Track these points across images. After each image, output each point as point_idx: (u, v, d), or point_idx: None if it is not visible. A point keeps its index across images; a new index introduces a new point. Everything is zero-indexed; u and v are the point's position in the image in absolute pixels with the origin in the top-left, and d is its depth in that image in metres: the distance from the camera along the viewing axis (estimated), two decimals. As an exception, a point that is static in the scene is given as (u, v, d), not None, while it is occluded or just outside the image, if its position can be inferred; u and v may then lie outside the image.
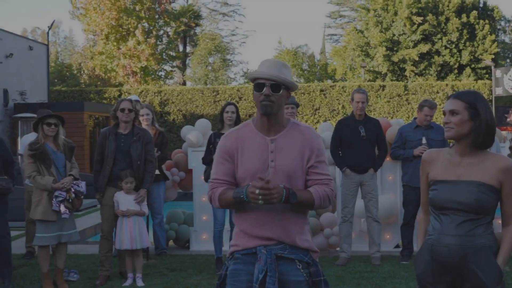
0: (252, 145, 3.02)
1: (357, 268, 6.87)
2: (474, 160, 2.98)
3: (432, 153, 3.13)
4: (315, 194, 2.92)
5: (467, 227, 2.91)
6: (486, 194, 2.90)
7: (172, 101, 26.73)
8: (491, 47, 29.17)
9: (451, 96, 3.04)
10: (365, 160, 7.13)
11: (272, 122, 3.01)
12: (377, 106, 25.75)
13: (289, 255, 2.92)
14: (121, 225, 6.35)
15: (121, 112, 6.40)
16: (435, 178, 3.03)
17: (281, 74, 2.99)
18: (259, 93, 2.97)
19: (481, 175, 2.93)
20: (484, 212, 2.92)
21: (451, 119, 2.97)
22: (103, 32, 31.31)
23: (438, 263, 2.97)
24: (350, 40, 32.32)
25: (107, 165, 6.39)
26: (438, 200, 2.98)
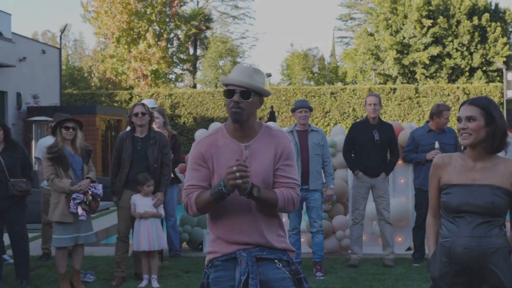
0: (226, 152, 3.01)
1: (369, 270, 6.93)
2: (488, 164, 3.05)
3: (444, 157, 3.19)
4: (280, 195, 2.94)
5: (484, 229, 2.99)
6: (500, 197, 2.99)
7: (183, 104, 26.87)
8: (503, 49, 29.14)
9: (466, 102, 3.09)
10: (377, 164, 7.19)
11: (244, 129, 3.01)
12: (388, 109, 25.76)
13: (268, 255, 2.99)
14: (139, 227, 6.45)
15: (135, 117, 6.51)
16: (449, 182, 3.10)
17: (252, 80, 2.97)
18: (229, 99, 2.97)
19: (495, 179, 3.01)
20: (499, 214, 3.00)
21: (468, 125, 3.02)
22: (114, 35, 31.52)
23: (457, 265, 3.03)
24: (361, 43, 32.38)
25: (124, 168, 6.50)
26: (454, 204, 3.04)
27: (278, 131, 3.09)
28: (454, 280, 3.05)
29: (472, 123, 3.01)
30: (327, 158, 6.99)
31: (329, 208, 8.02)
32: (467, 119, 3.03)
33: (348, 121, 25.63)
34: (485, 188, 3.00)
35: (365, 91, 25.83)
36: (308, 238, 7.59)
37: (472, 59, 29.37)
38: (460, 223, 3.03)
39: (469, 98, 3.11)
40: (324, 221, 7.72)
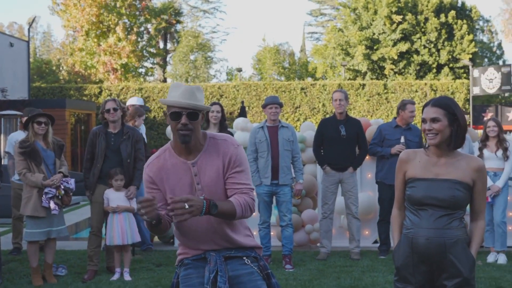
0: (176, 172, 3.04)
1: (337, 263, 7.12)
2: (450, 160, 3.23)
3: (409, 153, 3.36)
4: (236, 203, 2.97)
5: (445, 221, 3.16)
6: (461, 191, 3.17)
7: (153, 99, 26.76)
8: (469, 47, 29.67)
9: (429, 103, 3.24)
10: (344, 159, 7.37)
11: (191, 146, 3.02)
12: (357, 105, 26.05)
13: (236, 254, 3.10)
14: (112, 222, 6.52)
15: (107, 113, 6.57)
16: (414, 176, 3.27)
17: (196, 100, 2.97)
18: (176, 121, 2.94)
19: (456, 174, 3.19)
20: (459, 207, 3.18)
21: (433, 126, 3.18)
22: (83, 28, 31.21)
23: (419, 255, 3.20)
24: (331, 38, 32.63)
25: (97, 163, 6.56)
26: (417, 197, 3.21)
27: (223, 140, 3.09)
28: (416, 269, 3.22)
29: (437, 123, 3.17)
30: (297, 154, 7.15)
31: (298, 202, 8.19)
32: (432, 120, 3.18)
33: (318, 116, 25.87)
34: (447, 183, 3.17)
35: (335, 86, 26.07)
36: (278, 232, 7.75)
37: (439, 56, 29.87)
38: (423, 215, 3.20)
39: (432, 99, 3.26)
40: (293, 215, 7.88)
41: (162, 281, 6.35)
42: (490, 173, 7.24)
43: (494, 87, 27.17)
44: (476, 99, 28.83)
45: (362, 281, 6.29)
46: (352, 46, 30.90)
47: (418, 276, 3.23)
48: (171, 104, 2.96)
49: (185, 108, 2.93)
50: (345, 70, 30.53)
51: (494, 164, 7.24)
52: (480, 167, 3.22)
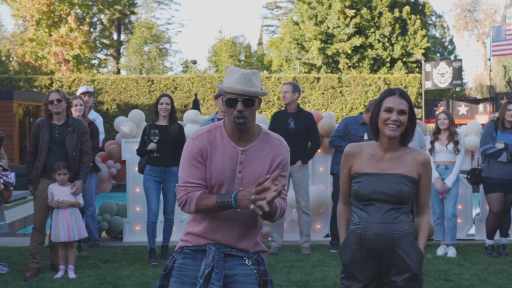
0: (222, 153, 2.93)
1: (288, 257, 7.05)
2: (396, 154, 3.17)
3: (355, 147, 3.26)
4: (279, 206, 2.88)
5: (392, 215, 3.10)
6: (407, 185, 3.11)
7: (106, 91, 26.32)
8: (422, 41, 30.11)
9: (395, 93, 3.14)
10: (292, 152, 7.23)
11: (244, 133, 2.93)
12: (311, 98, 26.16)
13: (237, 253, 2.96)
14: (57, 217, 6.28)
15: (51, 104, 6.33)
16: (359, 171, 3.19)
17: (253, 86, 2.87)
18: (232, 108, 2.86)
19: (402, 169, 3.14)
20: (406, 201, 3.13)
21: (400, 118, 3.09)
22: (33, 18, 30.41)
23: (367, 250, 3.13)
24: (286, 32, 32.64)
25: (41, 156, 6.31)
26: (364, 192, 3.14)
27: (278, 140, 3.01)
28: (364, 266, 3.15)
29: (403, 116, 3.09)
30: None
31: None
32: (400, 112, 3.09)
33: (273, 109, 25.85)
34: (393, 177, 3.11)
35: (290, 80, 26.09)
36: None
37: (393, 50, 30.22)
38: (370, 210, 3.13)
39: (395, 89, 3.16)
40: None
41: (107, 278, 6.16)
42: (441, 166, 7.27)
43: (445, 81, 27.65)
44: (428, 93, 29.30)
45: (313, 275, 6.23)
46: (307, 40, 30.97)
47: (366, 273, 3.16)
48: (226, 90, 2.88)
49: (240, 94, 2.85)
50: (300, 63, 30.59)
51: (445, 157, 7.27)
52: (425, 161, 3.17)
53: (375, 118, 3.16)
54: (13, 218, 10.00)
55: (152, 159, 6.81)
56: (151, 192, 6.82)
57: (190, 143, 2.95)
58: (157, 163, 6.78)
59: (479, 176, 7.25)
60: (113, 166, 8.28)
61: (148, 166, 6.85)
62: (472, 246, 7.73)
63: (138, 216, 8.02)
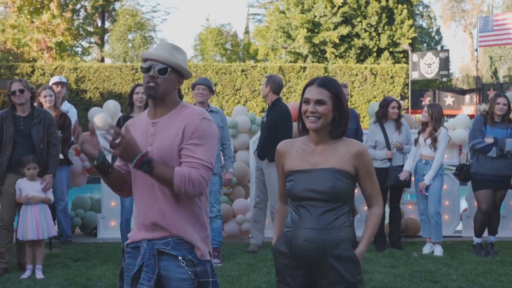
0: (138, 128, 2.91)
1: (268, 256, 6.75)
2: (328, 147, 2.90)
3: (286, 144, 3.02)
4: (177, 173, 2.70)
5: (327, 219, 2.83)
6: (341, 180, 2.83)
7: (89, 79, 25.89)
8: (409, 31, 29.90)
9: (314, 82, 2.89)
10: (262, 147, 6.94)
11: (158, 105, 2.88)
12: (297, 88, 25.88)
13: (171, 251, 2.76)
14: (25, 214, 5.93)
15: (13, 95, 5.97)
16: (291, 169, 2.93)
17: (171, 57, 2.85)
18: (146, 74, 2.85)
19: (335, 162, 2.86)
20: (341, 199, 2.84)
21: (317, 108, 2.84)
22: (15, 4, 29.79)
23: (296, 257, 2.87)
24: (272, 20, 32.29)
25: (6, 150, 5.96)
26: (296, 191, 2.88)
27: (192, 110, 2.88)
28: (295, 272, 2.90)
29: (321, 106, 2.83)
30: (227, 141, 6.70)
31: (229, 192, 7.77)
32: (317, 102, 2.84)
33: (259, 99, 25.55)
34: (324, 172, 2.84)
35: (276, 69, 25.80)
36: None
37: (380, 40, 29.98)
38: (303, 213, 2.86)
39: (316, 78, 2.91)
40: (224, 205, 7.48)
41: (77, 279, 5.83)
42: (422, 161, 7.00)
43: (432, 71, 27.51)
44: (414, 83, 29.12)
45: (293, 276, 5.95)
46: (294, 29, 30.63)
47: (297, 280, 2.90)
48: (145, 57, 2.89)
49: (155, 60, 2.85)
50: (286, 52, 30.26)
51: (425, 152, 7.00)
52: (359, 152, 2.87)
53: (301, 112, 2.91)
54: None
55: (126, 153, 6.46)
56: (124, 188, 6.48)
57: None
58: (131, 157, 6.42)
59: (468, 172, 6.99)
60: (86, 160, 7.91)
61: (120, 160, 6.50)
62: (459, 244, 7.48)
63: (113, 211, 7.68)
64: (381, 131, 7.15)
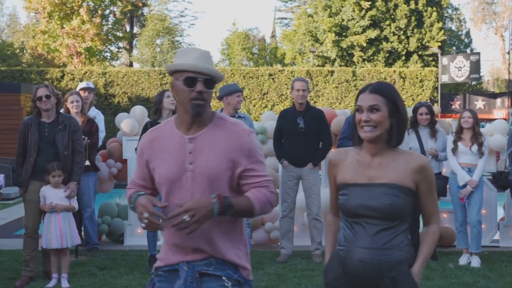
0: (169, 145, 2.64)
1: (298, 266, 6.57)
2: (386, 159, 2.66)
3: (340, 153, 2.80)
4: (255, 199, 2.54)
5: (383, 238, 2.61)
6: (400, 197, 2.60)
7: (117, 83, 25.94)
8: (438, 34, 29.41)
9: (366, 89, 2.66)
10: (303, 153, 6.76)
11: (196, 121, 2.62)
12: (325, 92, 25.61)
13: (215, 271, 2.55)
14: (49, 222, 5.85)
15: (39, 101, 5.89)
16: (344, 181, 2.71)
17: (212, 67, 2.61)
18: (190, 89, 2.55)
19: (394, 177, 2.63)
20: (400, 217, 2.62)
21: (371, 116, 2.60)
22: (45, 10, 30.06)
23: (351, 278, 2.66)
24: (300, 24, 32.06)
25: (30, 157, 5.88)
26: (350, 207, 2.66)
27: (234, 124, 2.66)
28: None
29: (375, 114, 2.60)
30: None
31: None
32: (370, 109, 2.61)
33: (286, 103, 25.33)
34: (382, 188, 2.61)
35: (303, 73, 25.58)
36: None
37: (409, 43, 29.54)
38: (358, 230, 2.64)
39: (369, 85, 2.68)
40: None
41: (103, 289, 5.72)
42: (464, 169, 6.72)
43: (462, 75, 26.99)
44: (444, 87, 28.62)
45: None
46: (322, 33, 30.37)
47: None
48: (185, 68, 2.57)
49: (201, 73, 2.57)
50: (313, 56, 30.01)
51: (468, 159, 6.70)
52: (422, 167, 2.64)
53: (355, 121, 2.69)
54: (9, 218, 9.61)
55: (152, 160, 6.34)
56: (150, 195, 6.35)
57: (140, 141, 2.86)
58: (158, 164, 6.28)
59: (506, 180, 6.70)
60: (113, 166, 7.82)
61: (147, 167, 6.38)
62: (497, 255, 7.17)
63: (140, 218, 7.55)
64: (415, 137, 6.87)
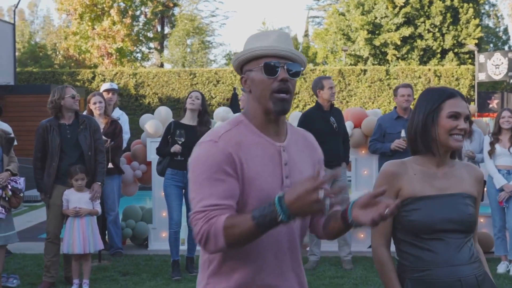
0: (261, 154, 2.04)
1: (327, 273, 6.30)
2: (449, 169, 2.43)
3: (398, 164, 2.45)
4: None
5: (468, 251, 2.35)
6: (472, 206, 2.39)
7: (148, 84, 25.97)
8: (475, 31, 28.71)
9: (457, 95, 2.40)
10: (338, 154, 6.52)
11: (280, 122, 2.09)
12: (358, 91, 25.21)
13: None
14: (72, 227, 5.70)
15: (72, 99, 5.76)
16: (414, 195, 2.37)
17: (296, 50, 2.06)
18: (272, 77, 2.00)
19: (462, 186, 2.40)
20: (474, 228, 2.41)
21: (465, 126, 2.37)
22: (76, 11, 30.31)
23: None
24: (332, 22, 31.67)
25: (53, 162, 5.74)
26: (427, 222, 2.33)
27: (305, 132, 2.25)
28: None
29: (467, 123, 2.38)
30: None
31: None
32: (466, 118, 2.37)
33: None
34: (457, 198, 2.35)
35: (335, 72, 25.22)
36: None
37: (444, 40, 28.91)
38: (439, 247, 2.32)
39: (452, 89, 2.41)
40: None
41: (124, 296, 5.55)
42: (502, 171, 6.35)
43: (500, 73, 26.25)
44: (481, 85, 27.91)
45: (354, 296, 5.47)
46: (354, 31, 29.93)
47: None
48: (266, 52, 1.99)
49: (285, 58, 2.01)
50: (346, 55, 29.59)
51: (507, 161, 6.32)
52: (481, 178, 2.51)
53: (429, 127, 2.37)
54: (36, 221, 9.53)
55: (175, 162, 6.14)
56: (172, 199, 6.15)
57: (209, 148, 1.99)
58: (180, 166, 6.06)
59: (548, 183, 6.32)
60: (138, 168, 7.65)
61: (169, 170, 6.18)
62: (538, 262, 6.79)
63: (165, 222, 7.31)
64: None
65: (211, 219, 1.90)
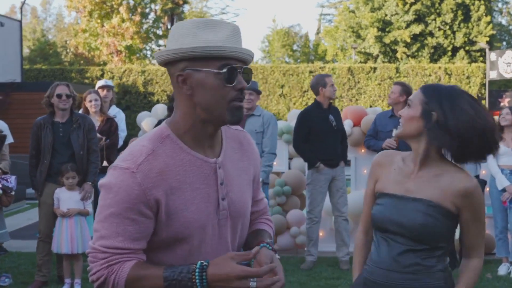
0: (190, 178, 1.75)
1: (323, 273, 6.17)
2: (431, 172, 2.26)
3: (389, 155, 2.39)
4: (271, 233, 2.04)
5: (409, 259, 2.22)
6: (436, 218, 2.19)
7: (156, 81, 25.96)
8: (486, 29, 28.42)
9: None
10: (337, 152, 6.41)
11: (214, 134, 1.81)
12: (367, 89, 25.03)
13: None
14: (60, 226, 5.63)
15: (58, 98, 5.66)
16: (382, 190, 2.32)
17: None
18: (230, 85, 1.71)
19: (432, 193, 2.22)
20: (431, 242, 2.21)
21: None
22: (86, 8, 30.35)
23: None
24: (342, 20, 31.49)
25: (45, 159, 5.67)
26: (378, 219, 2.29)
27: (241, 132, 1.97)
28: None
29: None
30: (266, 147, 6.15)
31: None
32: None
33: (326, 101, 24.88)
34: (419, 204, 2.21)
35: (345, 70, 25.05)
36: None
37: (455, 38, 28.64)
38: (382, 247, 2.27)
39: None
40: (277, 216, 6.95)
41: (114, 296, 5.45)
42: (506, 171, 6.20)
43: (512, 71, 25.98)
44: (492, 83, 27.62)
45: (349, 299, 5.36)
46: (364, 28, 29.73)
47: None
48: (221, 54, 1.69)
49: (243, 60, 1.74)
50: (355, 53, 29.40)
51: (510, 160, 6.18)
52: (467, 191, 2.21)
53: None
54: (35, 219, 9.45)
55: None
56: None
57: (124, 178, 1.67)
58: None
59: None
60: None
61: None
62: (541, 264, 6.63)
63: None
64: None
65: (113, 265, 1.69)
